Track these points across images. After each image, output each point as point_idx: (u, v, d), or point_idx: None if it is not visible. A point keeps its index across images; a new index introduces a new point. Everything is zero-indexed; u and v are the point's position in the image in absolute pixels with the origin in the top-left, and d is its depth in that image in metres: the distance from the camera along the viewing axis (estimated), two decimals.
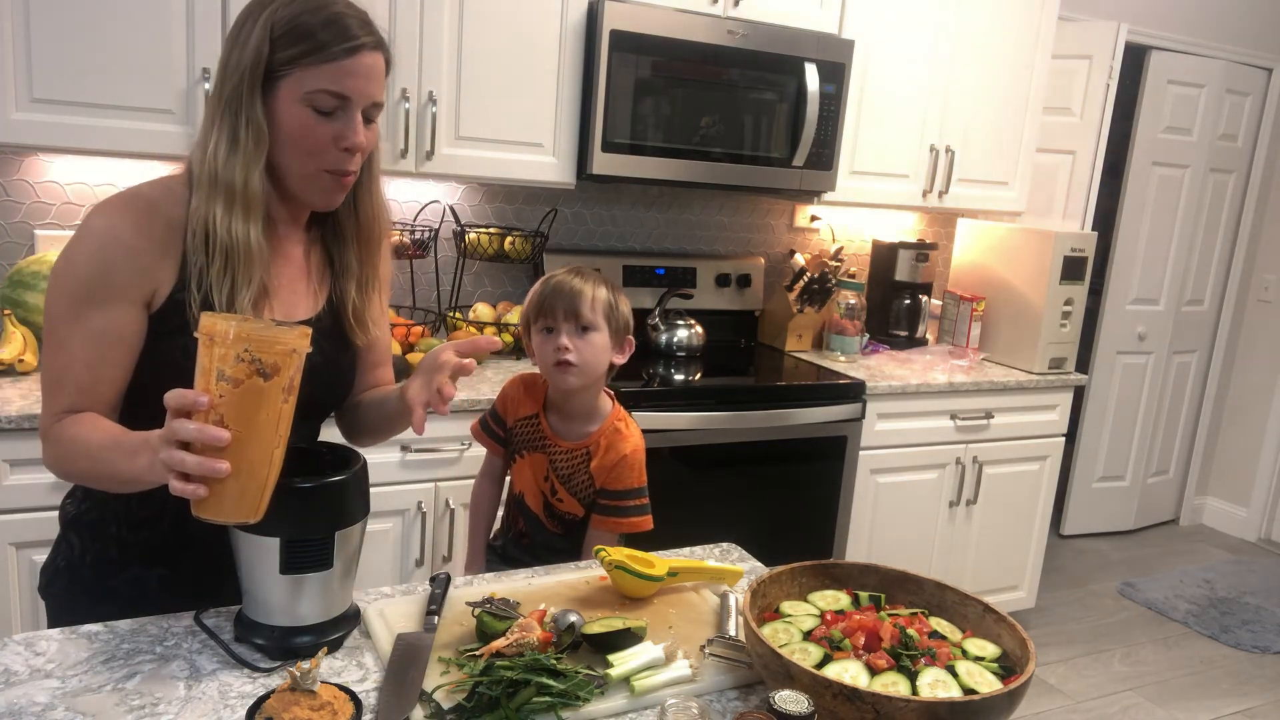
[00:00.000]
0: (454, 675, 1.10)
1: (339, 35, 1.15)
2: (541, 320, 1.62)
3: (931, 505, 3.13)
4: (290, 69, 1.14)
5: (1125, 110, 4.12)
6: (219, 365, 0.98)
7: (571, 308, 1.60)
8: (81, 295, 1.14)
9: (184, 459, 0.96)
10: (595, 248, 3.13)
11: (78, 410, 1.14)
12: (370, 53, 1.17)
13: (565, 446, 1.65)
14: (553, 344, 1.60)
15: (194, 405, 0.97)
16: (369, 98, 1.18)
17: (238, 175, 1.15)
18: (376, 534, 2.29)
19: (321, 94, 1.15)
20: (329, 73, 1.14)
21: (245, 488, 1.01)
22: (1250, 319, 4.69)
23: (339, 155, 1.18)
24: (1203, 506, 4.89)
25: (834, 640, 1.15)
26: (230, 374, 0.97)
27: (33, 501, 1.94)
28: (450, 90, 2.49)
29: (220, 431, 0.96)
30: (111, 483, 1.12)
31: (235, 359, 0.97)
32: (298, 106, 1.15)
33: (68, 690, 1.04)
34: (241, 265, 1.16)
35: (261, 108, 1.15)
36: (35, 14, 2.05)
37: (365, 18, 1.19)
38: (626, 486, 1.65)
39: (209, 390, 0.98)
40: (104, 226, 1.15)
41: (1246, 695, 3.21)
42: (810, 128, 2.82)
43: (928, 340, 3.58)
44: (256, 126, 1.15)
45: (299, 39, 1.14)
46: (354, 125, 1.17)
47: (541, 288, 1.64)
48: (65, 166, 2.41)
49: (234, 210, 1.15)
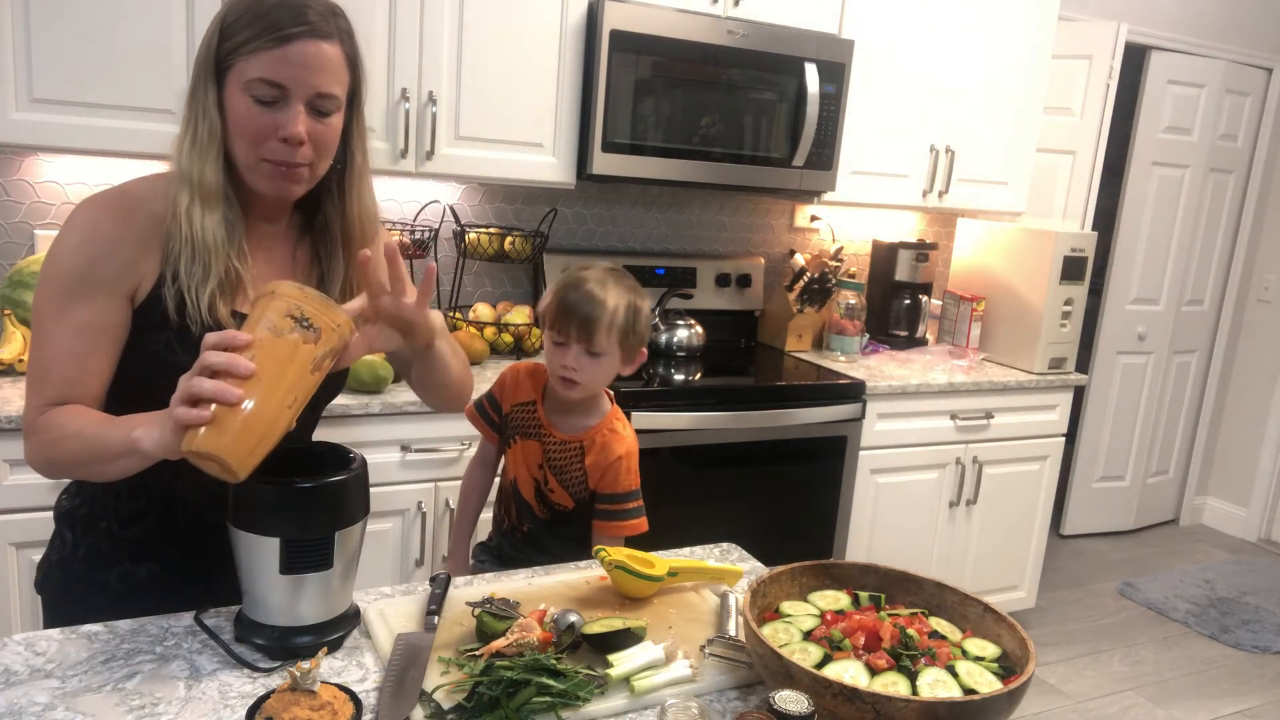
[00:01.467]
0: (454, 675, 1.10)
1: (278, 23, 1.13)
2: (554, 331, 1.60)
3: (931, 505, 3.13)
4: (235, 57, 1.14)
5: (1125, 110, 4.12)
6: (271, 315, 1.03)
7: (585, 331, 1.57)
8: (66, 288, 1.14)
9: (203, 382, 0.98)
10: (595, 248, 3.13)
11: (64, 402, 1.14)
12: (310, 41, 1.14)
13: (560, 437, 1.66)
14: (560, 358, 1.59)
15: (233, 341, 1.00)
16: (311, 88, 1.15)
17: (194, 166, 1.16)
18: (376, 534, 2.29)
19: (257, 83, 1.14)
20: (263, 61, 1.13)
21: (249, 427, 1.00)
22: (1250, 319, 4.69)
23: (279, 146, 1.16)
24: (1203, 506, 4.89)
25: (834, 640, 1.15)
26: (275, 323, 1.03)
27: (32, 501, 1.94)
28: (450, 90, 2.49)
29: (247, 363, 1.00)
30: (99, 460, 1.10)
31: (285, 313, 1.03)
32: (241, 96, 1.15)
33: (68, 690, 1.04)
34: (203, 257, 1.17)
35: (215, 99, 1.16)
36: (35, 14, 2.05)
37: (321, 7, 1.17)
38: (625, 489, 1.65)
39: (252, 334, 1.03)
40: (87, 220, 1.16)
41: (1246, 695, 3.21)
42: (810, 128, 2.82)
43: (928, 340, 3.58)
44: (210, 118, 1.16)
45: (245, 26, 1.14)
46: (291, 115, 1.15)
47: (563, 292, 1.60)
48: (65, 166, 2.41)
49: (194, 201, 1.16)
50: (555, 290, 1.62)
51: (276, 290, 1.05)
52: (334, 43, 1.17)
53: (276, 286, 1.06)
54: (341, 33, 1.19)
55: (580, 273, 1.62)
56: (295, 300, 1.04)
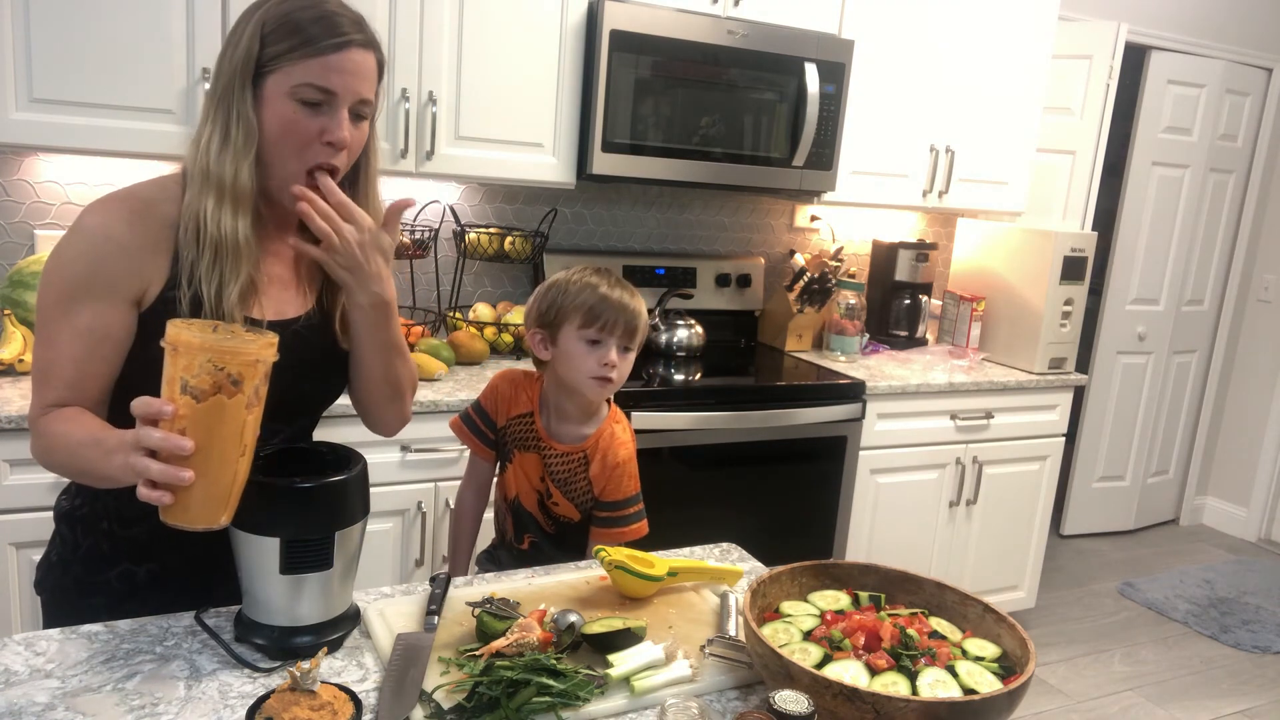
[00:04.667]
0: (454, 675, 1.10)
1: (326, 31, 1.16)
2: (592, 331, 1.58)
3: (931, 505, 3.13)
4: (278, 64, 1.16)
5: (1125, 110, 4.12)
6: (183, 375, 0.98)
7: (630, 329, 1.59)
8: (72, 292, 1.15)
9: (149, 466, 0.98)
10: (595, 248, 3.13)
11: (65, 404, 1.15)
12: (358, 50, 1.18)
13: (560, 449, 1.63)
14: (599, 357, 1.57)
15: (159, 414, 0.98)
16: (355, 94, 1.19)
17: (228, 170, 1.16)
18: (376, 534, 2.29)
19: (307, 88, 1.16)
20: (314, 67, 1.15)
21: (210, 494, 1.01)
22: (1250, 319, 4.69)
23: (322, 149, 1.19)
24: (1203, 506, 4.89)
25: (834, 640, 1.15)
26: (194, 385, 0.98)
27: (32, 501, 1.94)
28: (450, 90, 2.49)
29: (183, 441, 0.98)
30: (88, 479, 1.14)
31: (199, 369, 0.98)
32: (285, 101, 1.16)
33: (68, 690, 1.04)
34: (229, 260, 1.17)
35: (252, 103, 1.17)
36: (35, 14, 2.05)
37: (357, 17, 1.21)
38: (625, 495, 1.63)
39: (174, 399, 0.98)
40: (96, 224, 1.16)
41: (1246, 695, 3.21)
42: (810, 128, 2.82)
43: (928, 340, 3.58)
44: (246, 122, 1.17)
45: (288, 34, 1.16)
46: (339, 120, 1.18)
47: (590, 291, 1.58)
48: (65, 166, 2.41)
49: (224, 204, 1.17)
50: (574, 292, 1.59)
51: (178, 345, 0.98)
52: (371, 52, 1.21)
53: (176, 341, 0.99)
54: (375, 42, 1.23)
55: (592, 277, 1.61)
56: (204, 352, 0.98)
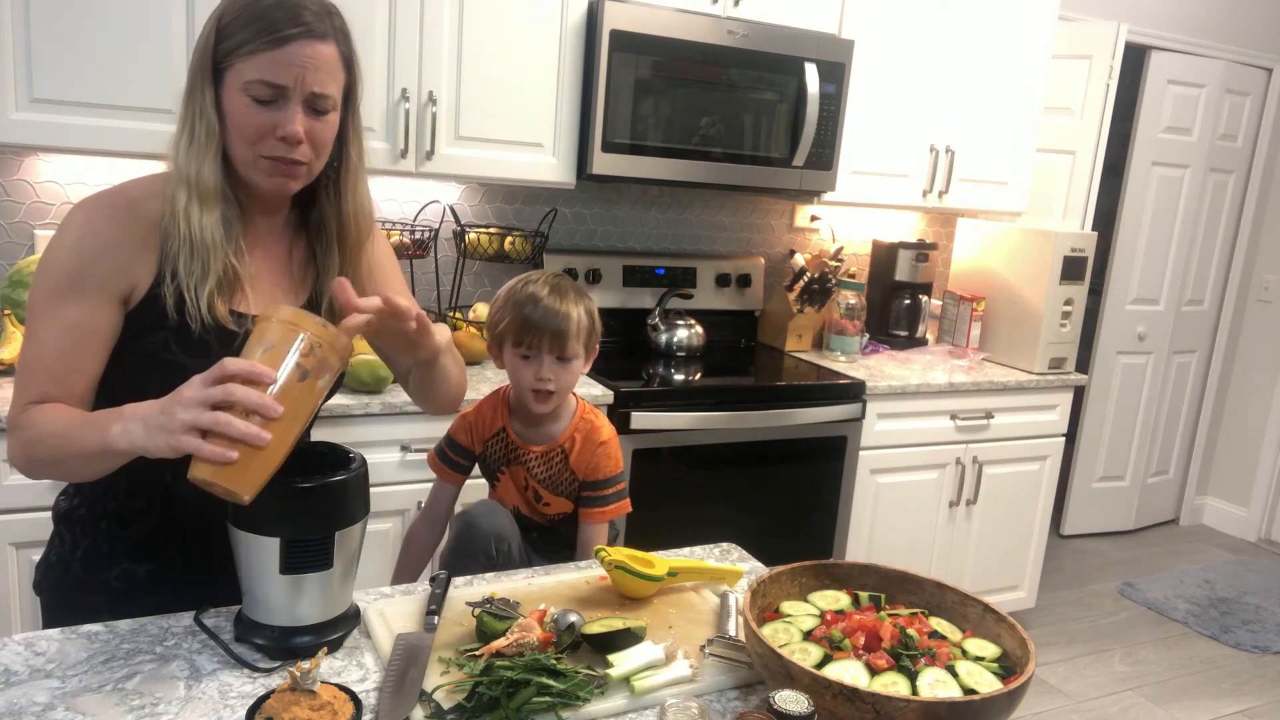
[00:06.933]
0: (454, 675, 1.10)
1: (279, 22, 1.14)
2: (523, 348, 1.60)
3: (931, 505, 3.13)
4: (233, 59, 1.15)
5: (1125, 110, 4.12)
6: (294, 354, 1.03)
7: (557, 340, 1.58)
8: (58, 288, 1.15)
9: (232, 420, 0.97)
10: (595, 248, 3.13)
11: (49, 400, 1.15)
12: (312, 41, 1.16)
13: (537, 451, 1.66)
14: (533, 371, 1.59)
15: (261, 377, 1.00)
16: (307, 87, 1.16)
17: (193, 166, 1.17)
18: (376, 534, 2.29)
19: (256, 84, 1.15)
20: (263, 62, 1.14)
21: (265, 465, 1.02)
22: (1250, 319, 4.69)
23: (277, 144, 1.17)
24: (1203, 506, 4.89)
25: (834, 640, 1.15)
26: (301, 364, 1.03)
27: (32, 501, 1.94)
28: (450, 90, 2.49)
29: (278, 406, 1.00)
30: (74, 460, 1.11)
31: (306, 351, 1.03)
32: (239, 96, 1.16)
33: (68, 690, 1.04)
34: (202, 255, 1.18)
35: (213, 99, 1.17)
36: (35, 14, 2.05)
37: (316, 6, 1.18)
38: (606, 475, 1.66)
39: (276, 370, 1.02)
40: (83, 221, 1.17)
41: (1246, 695, 3.21)
42: (810, 128, 2.82)
43: (928, 340, 3.58)
44: (207, 118, 1.17)
45: (241, 27, 1.15)
46: (289, 115, 1.16)
47: (519, 309, 1.59)
48: (65, 166, 2.41)
49: (192, 200, 1.17)
50: (510, 307, 1.61)
51: (296, 323, 1.04)
52: (330, 42, 1.18)
53: (295, 318, 1.04)
54: (337, 32, 1.20)
55: (528, 288, 1.61)
56: (314, 336, 1.04)
